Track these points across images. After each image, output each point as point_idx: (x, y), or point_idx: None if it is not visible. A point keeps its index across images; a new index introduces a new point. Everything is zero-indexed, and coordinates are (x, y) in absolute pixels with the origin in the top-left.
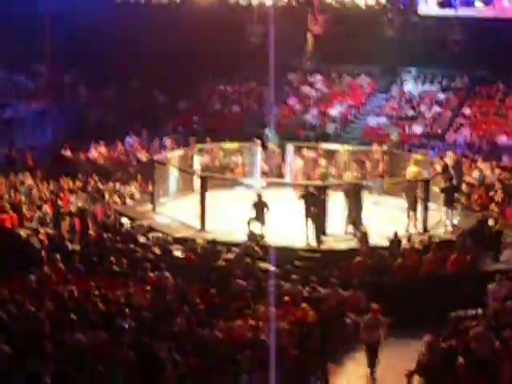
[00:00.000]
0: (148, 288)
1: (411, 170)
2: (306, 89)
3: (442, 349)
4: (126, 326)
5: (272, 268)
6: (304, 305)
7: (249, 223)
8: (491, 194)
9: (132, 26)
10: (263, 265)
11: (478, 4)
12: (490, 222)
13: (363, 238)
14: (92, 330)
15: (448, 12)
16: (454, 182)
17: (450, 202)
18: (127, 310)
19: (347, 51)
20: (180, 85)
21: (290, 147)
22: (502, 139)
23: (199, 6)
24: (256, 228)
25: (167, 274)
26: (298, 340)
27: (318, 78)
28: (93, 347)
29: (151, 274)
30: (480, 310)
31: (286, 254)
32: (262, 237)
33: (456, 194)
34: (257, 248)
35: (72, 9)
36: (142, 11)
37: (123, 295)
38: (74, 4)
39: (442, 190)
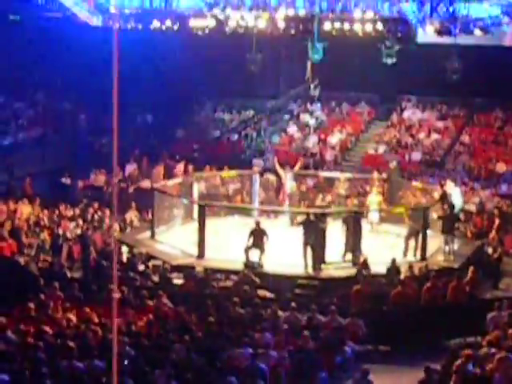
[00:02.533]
0: (147, 316)
1: (373, 200)
2: (305, 117)
3: (440, 377)
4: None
5: (270, 296)
6: (303, 332)
7: (246, 251)
8: (490, 221)
9: (130, 53)
10: (262, 292)
11: (477, 32)
12: (489, 250)
13: (364, 265)
14: (91, 358)
15: (447, 40)
16: (454, 209)
17: (448, 230)
18: (126, 338)
19: (346, 79)
20: (179, 112)
21: (289, 175)
22: (501, 167)
23: (197, 33)
24: (254, 256)
25: (166, 301)
26: (296, 368)
27: (317, 106)
28: (92, 375)
29: (150, 302)
30: (479, 338)
31: (285, 282)
32: (261, 265)
33: (455, 222)
34: (255, 276)
35: (70, 36)
36: (141, 38)
37: (123, 323)
38: (72, 31)
39: (439, 218)
